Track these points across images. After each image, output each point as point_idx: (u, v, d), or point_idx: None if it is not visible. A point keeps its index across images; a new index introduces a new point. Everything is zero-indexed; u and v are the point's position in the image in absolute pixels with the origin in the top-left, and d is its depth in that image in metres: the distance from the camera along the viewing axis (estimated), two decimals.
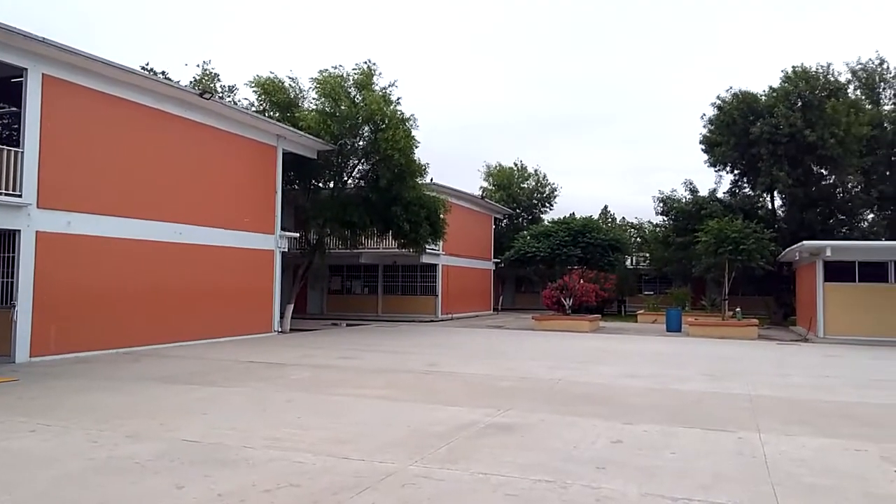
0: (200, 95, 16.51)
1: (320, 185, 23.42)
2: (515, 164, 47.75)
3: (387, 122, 20.66)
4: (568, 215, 39.92)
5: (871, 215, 32.44)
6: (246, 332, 18.17)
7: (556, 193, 47.65)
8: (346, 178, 22.86)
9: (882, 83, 32.71)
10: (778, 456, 6.19)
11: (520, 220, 45.16)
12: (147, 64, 24.93)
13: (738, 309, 24.80)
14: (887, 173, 30.85)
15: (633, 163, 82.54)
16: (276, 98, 21.95)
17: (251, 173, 18.90)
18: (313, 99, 21.94)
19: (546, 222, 40.33)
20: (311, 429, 7.08)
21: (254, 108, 21.91)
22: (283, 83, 22.30)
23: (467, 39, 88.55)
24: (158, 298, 15.35)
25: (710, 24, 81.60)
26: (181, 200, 16.29)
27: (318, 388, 9.94)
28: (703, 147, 32.59)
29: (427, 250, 25.95)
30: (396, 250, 26.28)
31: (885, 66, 32.54)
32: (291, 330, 20.93)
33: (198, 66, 31.42)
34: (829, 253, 20.16)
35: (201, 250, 16.77)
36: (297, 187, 23.25)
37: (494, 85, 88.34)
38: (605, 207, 54.96)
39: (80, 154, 13.60)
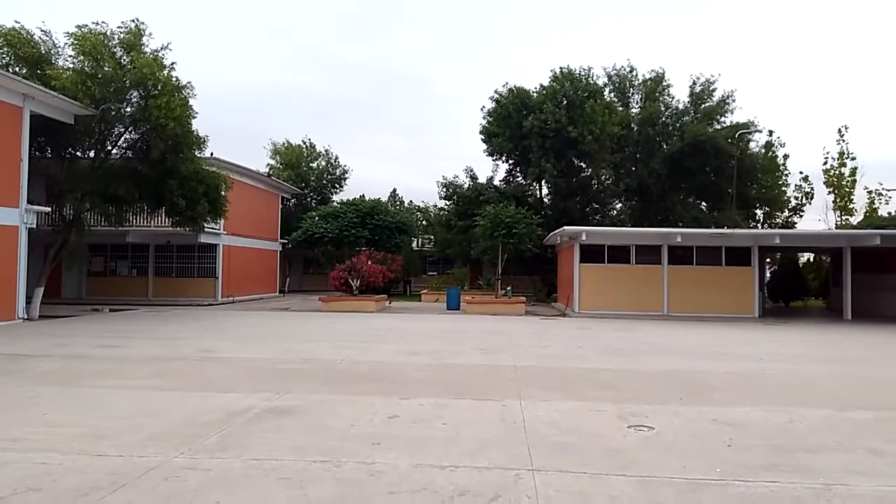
0: None
1: (79, 153, 20.80)
2: (304, 143, 46.64)
3: (160, 87, 18.87)
4: (358, 197, 40.06)
5: (620, 205, 37.04)
6: None
7: (346, 175, 47.42)
8: (110, 148, 20.55)
9: (631, 89, 37.33)
10: (534, 420, 6.86)
11: (309, 200, 44.29)
12: None
13: (509, 288, 27.02)
14: (633, 169, 35.42)
15: (421, 148, 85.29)
16: (23, 52, 18.93)
17: None
18: (70, 56, 19.31)
19: (335, 203, 40.07)
20: (60, 426, 6.33)
21: None
22: (31, 35, 19.31)
23: (247, 13, 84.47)
24: None
25: (491, 21, 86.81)
26: None
27: (71, 380, 8.89)
28: (483, 137, 34.78)
29: (206, 229, 24.42)
30: (170, 229, 24.32)
31: (634, 73, 37.22)
32: (41, 317, 18.45)
33: None
34: (584, 237, 22.83)
35: None
36: (49, 155, 20.42)
37: (278, 63, 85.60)
38: (394, 191, 56.41)
39: None
